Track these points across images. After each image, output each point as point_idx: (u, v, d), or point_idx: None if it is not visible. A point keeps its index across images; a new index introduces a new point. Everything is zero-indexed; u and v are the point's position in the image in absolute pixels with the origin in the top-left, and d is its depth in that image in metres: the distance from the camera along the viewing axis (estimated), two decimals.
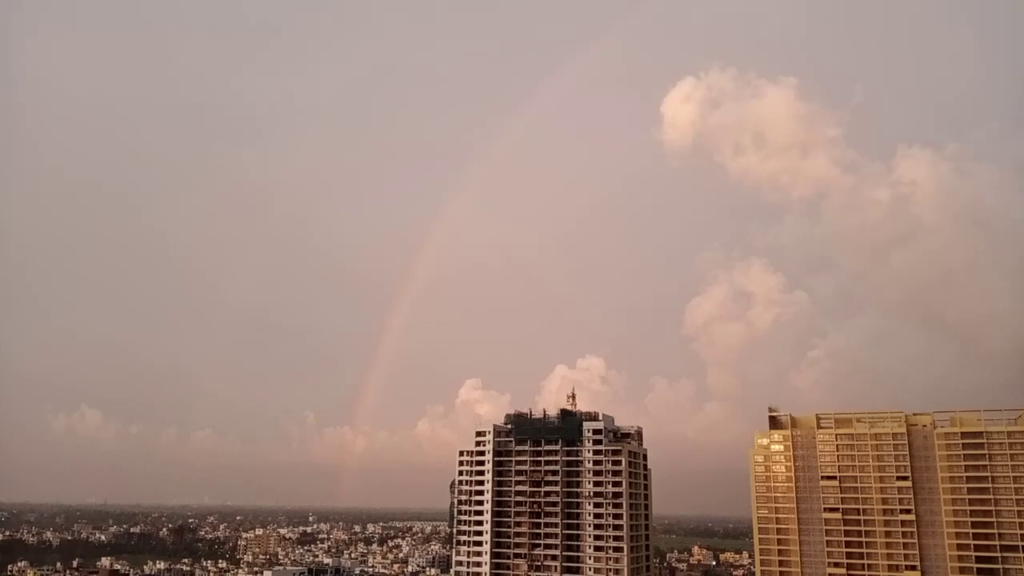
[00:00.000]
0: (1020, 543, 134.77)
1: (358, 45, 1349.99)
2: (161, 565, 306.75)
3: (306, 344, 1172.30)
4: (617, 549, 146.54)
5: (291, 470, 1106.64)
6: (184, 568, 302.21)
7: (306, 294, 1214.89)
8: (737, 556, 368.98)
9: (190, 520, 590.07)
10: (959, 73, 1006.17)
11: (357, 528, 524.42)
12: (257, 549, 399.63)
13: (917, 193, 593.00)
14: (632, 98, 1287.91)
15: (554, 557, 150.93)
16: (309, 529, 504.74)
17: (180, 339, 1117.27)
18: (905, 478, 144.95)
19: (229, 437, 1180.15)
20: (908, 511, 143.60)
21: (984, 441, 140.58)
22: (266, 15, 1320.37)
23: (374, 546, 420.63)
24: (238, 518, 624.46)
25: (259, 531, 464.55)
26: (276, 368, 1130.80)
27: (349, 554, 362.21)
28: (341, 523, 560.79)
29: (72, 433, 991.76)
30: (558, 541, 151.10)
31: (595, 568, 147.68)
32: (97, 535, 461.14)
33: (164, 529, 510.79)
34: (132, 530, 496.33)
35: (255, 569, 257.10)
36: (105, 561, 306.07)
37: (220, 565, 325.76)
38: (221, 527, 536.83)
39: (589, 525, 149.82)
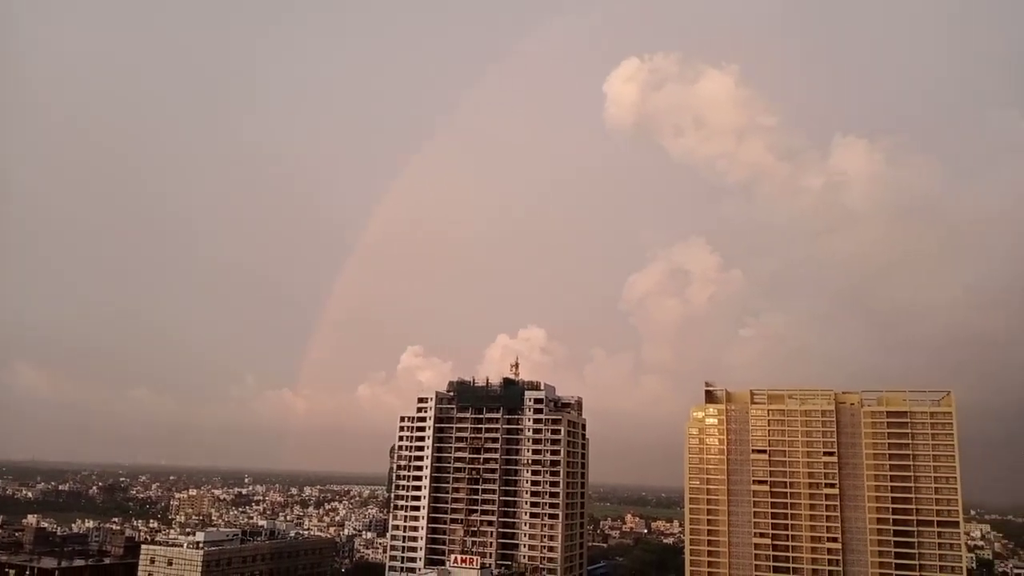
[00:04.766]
0: (935, 518, 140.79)
1: (342, 32, 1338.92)
2: (90, 523, 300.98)
3: (253, 309, 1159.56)
4: (552, 516, 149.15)
5: (228, 432, 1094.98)
6: (114, 527, 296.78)
7: (256, 258, 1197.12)
8: (668, 525, 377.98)
9: (121, 479, 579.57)
10: (897, 67, 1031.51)
11: (294, 491, 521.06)
12: (190, 510, 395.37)
13: (850, 182, 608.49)
14: (580, 79, 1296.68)
15: (490, 523, 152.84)
16: (244, 491, 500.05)
17: (128, 299, 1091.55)
18: (831, 453, 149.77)
19: (165, 397, 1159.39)
20: (832, 485, 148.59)
21: (908, 420, 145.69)
22: None
23: (310, 509, 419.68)
24: (171, 478, 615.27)
25: (193, 492, 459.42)
26: (219, 330, 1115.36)
27: (284, 516, 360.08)
28: (278, 485, 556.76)
29: (2, 387, 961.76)
30: (495, 507, 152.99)
31: (530, 534, 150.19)
32: (24, 492, 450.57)
33: (94, 487, 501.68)
34: (60, 487, 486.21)
35: (188, 530, 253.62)
36: (31, 518, 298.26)
37: (151, 525, 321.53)
38: (153, 487, 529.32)
39: (526, 492, 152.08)
